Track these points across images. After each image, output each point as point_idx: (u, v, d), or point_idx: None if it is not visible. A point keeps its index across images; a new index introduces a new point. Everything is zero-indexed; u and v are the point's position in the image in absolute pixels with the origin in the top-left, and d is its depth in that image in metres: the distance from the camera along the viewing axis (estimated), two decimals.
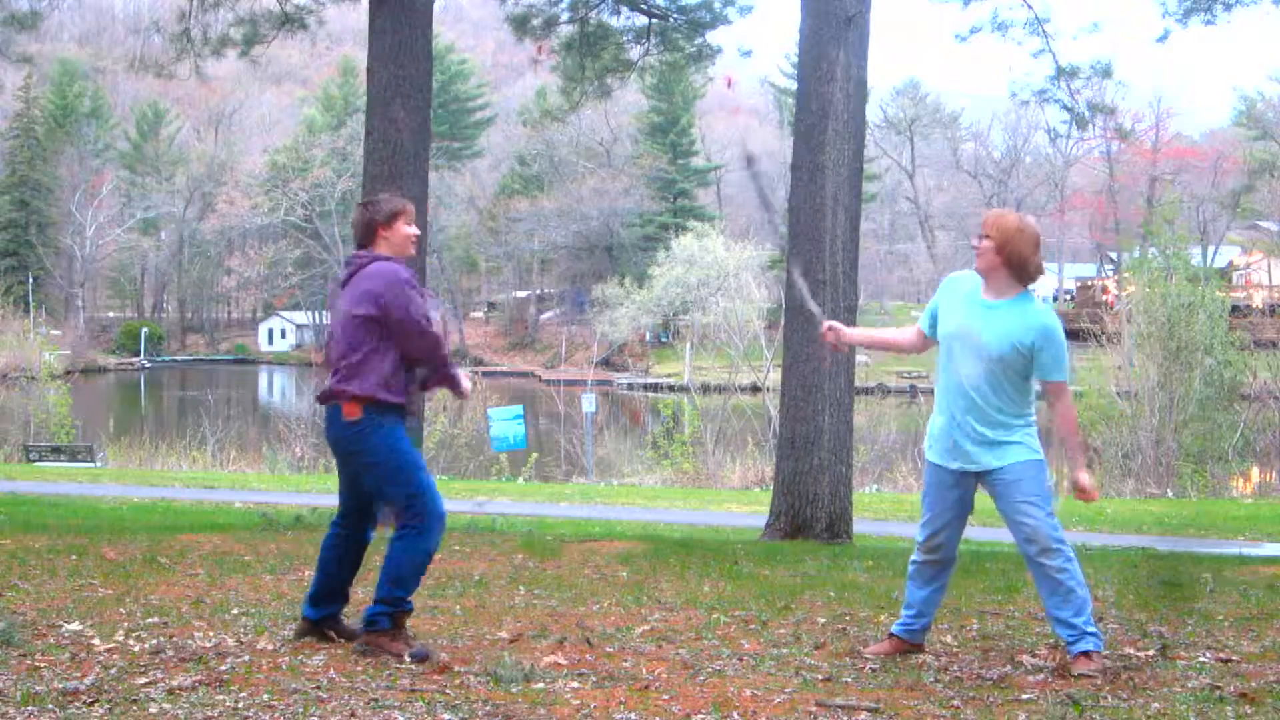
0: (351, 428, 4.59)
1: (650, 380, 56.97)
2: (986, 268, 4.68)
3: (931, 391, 5.03)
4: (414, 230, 4.83)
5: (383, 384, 4.57)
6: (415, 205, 10.78)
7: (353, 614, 4.99)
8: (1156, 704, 4.08)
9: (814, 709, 3.98)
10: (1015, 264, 4.63)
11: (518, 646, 4.91)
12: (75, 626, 5.04)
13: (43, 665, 4.35)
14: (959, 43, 26.73)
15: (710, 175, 73.90)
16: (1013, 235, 4.62)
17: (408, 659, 4.49)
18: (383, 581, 4.61)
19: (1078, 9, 19.80)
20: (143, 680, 4.15)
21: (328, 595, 4.85)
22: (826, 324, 5.13)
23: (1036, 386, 4.74)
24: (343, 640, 4.78)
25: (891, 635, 4.95)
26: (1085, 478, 4.73)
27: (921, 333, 4.97)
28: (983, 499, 4.88)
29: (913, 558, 4.96)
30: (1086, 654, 4.53)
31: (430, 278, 26.38)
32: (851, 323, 9.93)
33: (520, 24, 14.71)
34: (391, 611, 4.59)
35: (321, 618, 4.84)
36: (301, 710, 3.82)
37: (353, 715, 3.80)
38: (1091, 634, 4.57)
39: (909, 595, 4.94)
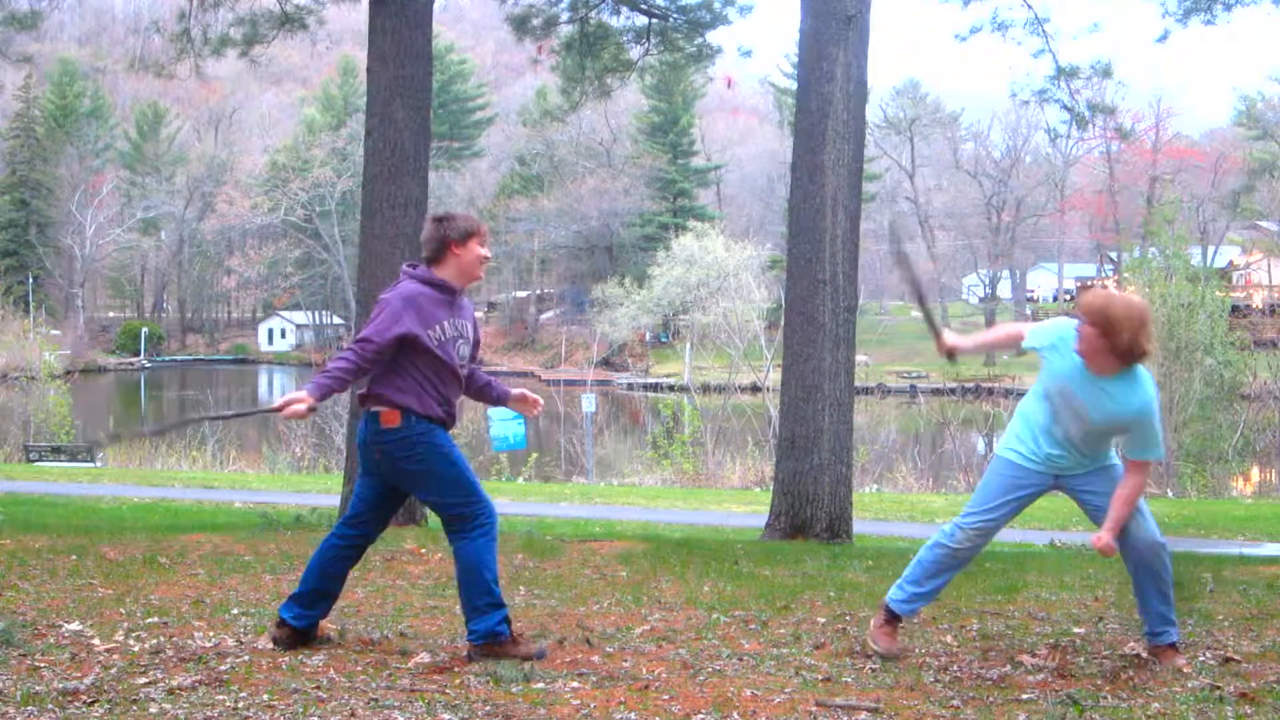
0: (393, 434, 4.56)
1: (650, 380, 56.98)
2: (1088, 352, 4.48)
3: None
4: (485, 252, 4.72)
5: (412, 396, 4.56)
6: (415, 205, 10.84)
7: (333, 618, 4.98)
8: (1156, 704, 4.08)
9: (814, 709, 3.98)
10: (1122, 351, 4.41)
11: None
12: (75, 626, 5.04)
13: (43, 665, 4.35)
14: (959, 43, 26.74)
15: (710, 175, 73.92)
16: (1121, 324, 4.34)
17: (535, 658, 4.51)
18: (476, 592, 4.55)
19: (1078, 9, 19.83)
20: (143, 680, 4.15)
21: (318, 600, 4.77)
22: (948, 341, 5.04)
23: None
24: (318, 645, 4.75)
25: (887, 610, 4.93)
26: (1110, 539, 4.64)
27: (1023, 337, 4.84)
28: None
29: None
30: (1173, 645, 4.73)
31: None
32: (851, 324, 9.94)
33: (520, 24, 14.71)
34: (503, 617, 4.58)
35: (307, 625, 4.75)
36: (301, 710, 3.82)
37: (353, 715, 3.79)
38: (1174, 624, 4.77)
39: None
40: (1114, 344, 4.36)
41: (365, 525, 4.79)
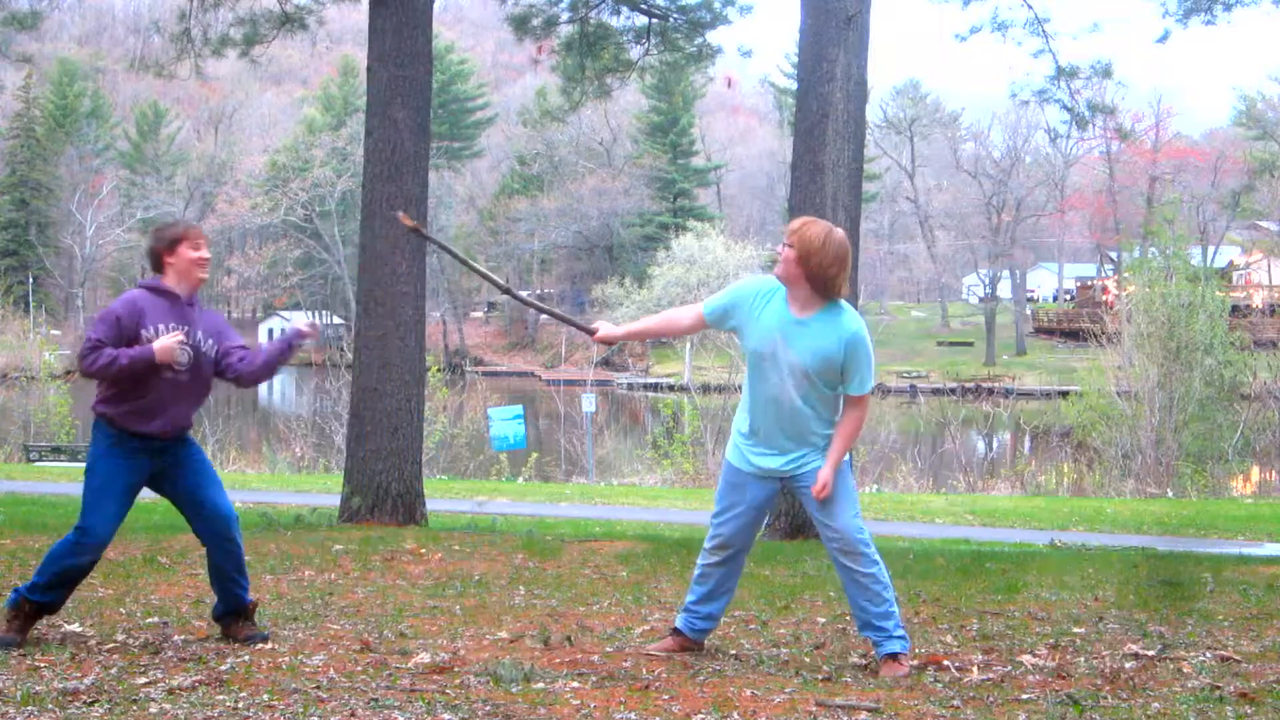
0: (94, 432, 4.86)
1: (650, 380, 56.95)
2: (786, 277, 4.54)
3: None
4: (198, 254, 4.82)
5: (101, 399, 4.79)
6: (415, 205, 10.85)
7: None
8: (1156, 704, 4.08)
9: (814, 709, 3.97)
10: (817, 280, 4.49)
11: (518, 646, 4.91)
12: (75, 627, 5.05)
13: (43, 665, 4.35)
14: (959, 43, 26.74)
15: (710, 175, 73.93)
16: (816, 250, 4.46)
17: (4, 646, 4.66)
18: (41, 568, 4.78)
19: (1078, 9, 19.82)
20: (143, 680, 4.15)
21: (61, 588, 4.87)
22: (595, 326, 4.92)
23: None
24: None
25: (675, 630, 4.88)
26: (829, 475, 4.60)
27: (701, 317, 4.77)
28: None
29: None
30: (894, 656, 4.56)
31: (430, 278, 26.39)
32: None
33: (520, 24, 14.71)
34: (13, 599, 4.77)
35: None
36: (301, 710, 3.82)
37: (353, 715, 3.79)
38: (900, 636, 4.59)
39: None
40: (809, 270, 4.44)
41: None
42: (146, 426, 4.73)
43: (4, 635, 4.69)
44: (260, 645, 4.78)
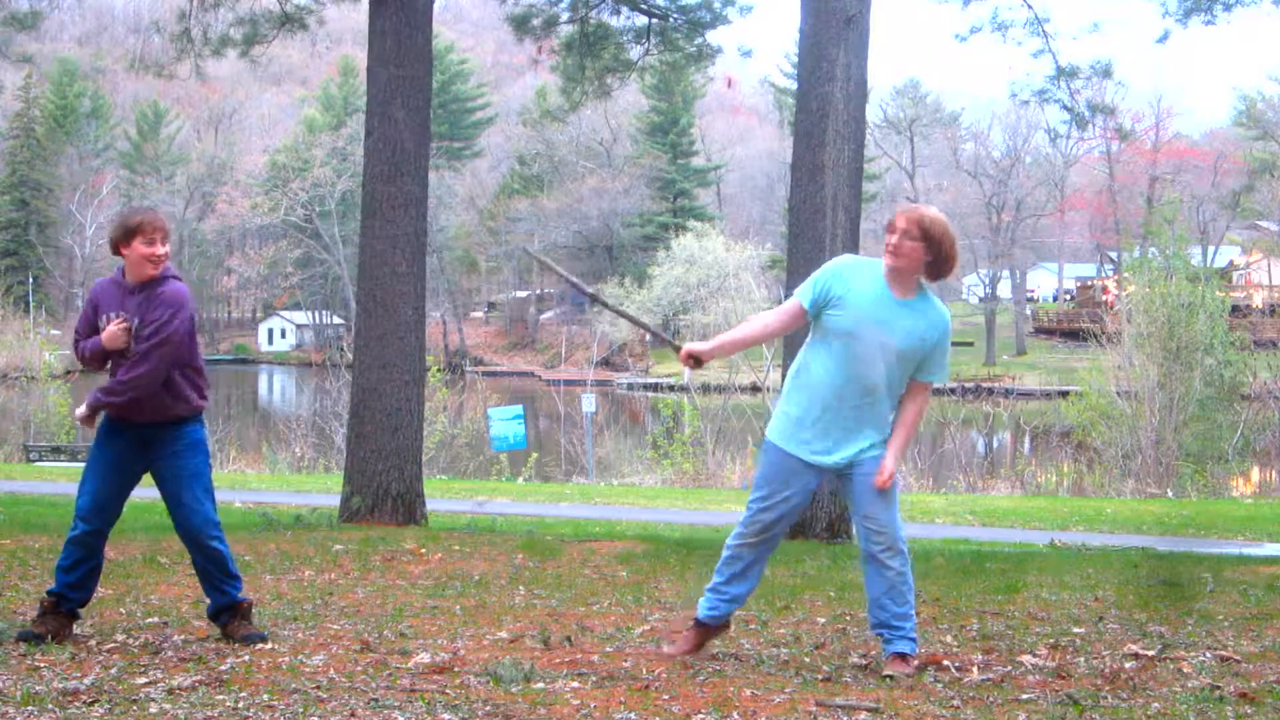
0: None
1: (650, 380, 56.94)
2: (910, 267, 4.51)
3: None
4: (149, 250, 4.85)
5: (99, 387, 4.96)
6: (415, 205, 10.86)
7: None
8: (1156, 704, 4.07)
9: (814, 709, 3.97)
10: (943, 262, 4.51)
11: (518, 646, 4.91)
12: (75, 627, 5.04)
13: (43, 665, 4.35)
14: (959, 43, 26.77)
15: (710, 175, 73.93)
16: (940, 233, 4.47)
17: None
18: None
19: (1078, 9, 19.83)
20: (143, 680, 4.15)
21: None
22: (685, 349, 4.65)
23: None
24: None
25: (696, 623, 4.82)
26: (894, 466, 4.58)
27: (801, 311, 4.62)
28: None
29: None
30: (902, 655, 4.55)
31: (430, 278, 26.37)
32: None
33: (520, 24, 14.71)
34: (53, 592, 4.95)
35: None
36: (301, 710, 3.82)
37: (353, 715, 3.79)
38: (912, 638, 4.58)
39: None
40: (936, 255, 4.45)
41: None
42: (117, 408, 4.90)
43: (28, 629, 4.82)
44: (260, 645, 4.78)
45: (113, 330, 4.83)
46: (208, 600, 5.04)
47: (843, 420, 4.56)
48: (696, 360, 4.61)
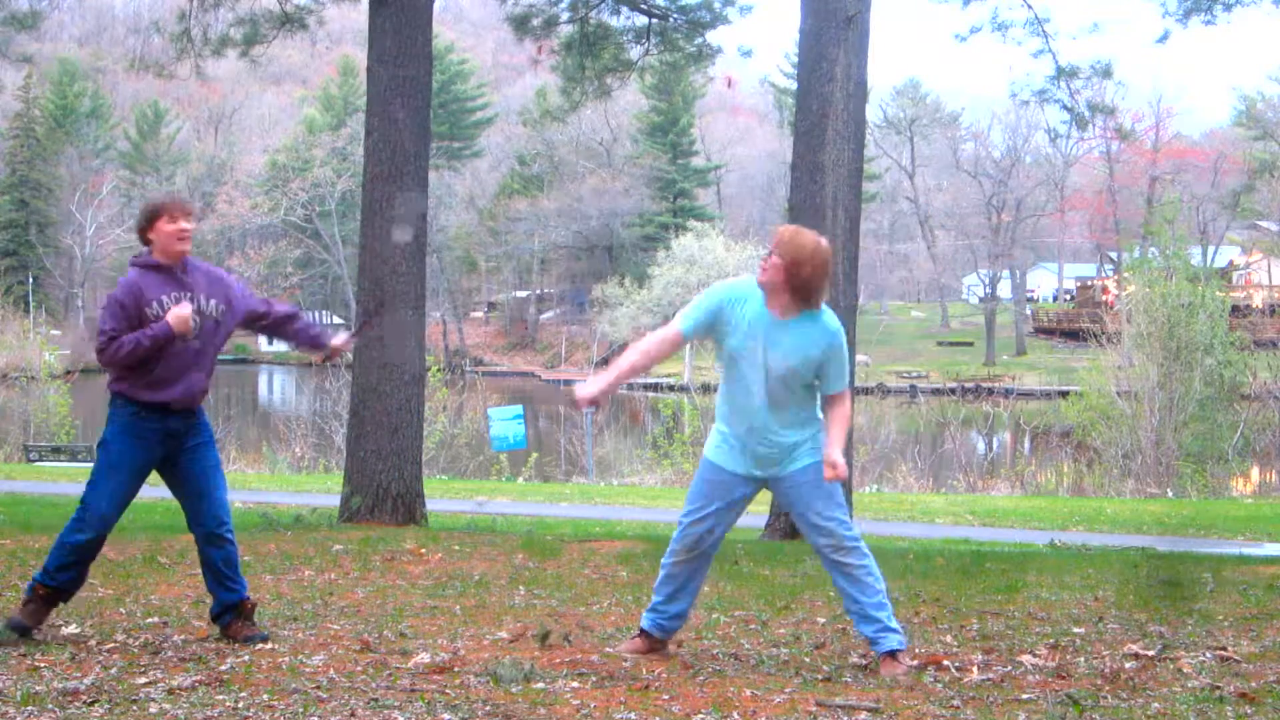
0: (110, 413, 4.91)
1: (650, 380, 56.92)
2: (771, 284, 4.51)
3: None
4: (177, 227, 4.81)
5: (116, 376, 4.84)
6: (415, 205, 10.84)
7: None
8: (1156, 704, 4.08)
9: (814, 709, 3.97)
10: (801, 290, 4.49)
11: (518, 646, 4.91)
12: (75, 627, 5.05)
13: (43, 665, 4.35)
14: (959, 43, 26.76)
15: (710, 175, 73.92)
16: (804, 260, 4.45)
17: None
18: (51, 556, 4.90)
19: (1078, 9, 19.83)
20: (143, 680, 4.15)
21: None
22: (581, 396, 4.64)
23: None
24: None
25: (642, 631, 4.83)
26: (838, 458, 4.60)
27: (680, 337, 4.69)
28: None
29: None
30: (893, 654, 4.55)
31: (430, 278, 26.38)
32: (852, 323, 9.92)
33: (520, 24, 14.71)
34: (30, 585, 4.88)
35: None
36: (301, 710, 3.82)
37: (353, 715, 3.79)
38: (895, 630, 4.59)
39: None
40: (793, 279, 4.43)
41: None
42: (163, 395, 4.77)
43: (15, 618, 4.77)
44: (260, 645, 4.78)
45: (183, 314, 4.69)
46: (211, 600, 5.01)
47: (764, 434, 4.61)
48: (593, 402, 4.63)
